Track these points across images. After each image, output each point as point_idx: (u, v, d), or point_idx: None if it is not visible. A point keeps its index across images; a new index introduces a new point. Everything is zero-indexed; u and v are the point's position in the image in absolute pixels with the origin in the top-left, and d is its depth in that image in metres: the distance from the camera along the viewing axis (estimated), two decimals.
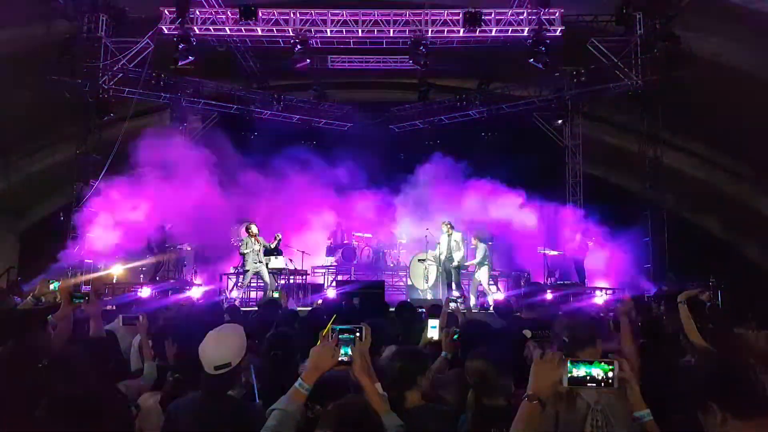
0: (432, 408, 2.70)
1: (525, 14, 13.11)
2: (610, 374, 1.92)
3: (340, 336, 2.21)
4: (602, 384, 1.92)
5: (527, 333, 3.88)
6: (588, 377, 1.91)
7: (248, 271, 11.72)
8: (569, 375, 1.92)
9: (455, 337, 3.89)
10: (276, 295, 8.02)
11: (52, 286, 3.96)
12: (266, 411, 2.10)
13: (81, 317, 3.72)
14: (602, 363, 1.93)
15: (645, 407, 2.06)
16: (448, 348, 3.88)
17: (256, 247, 11.64)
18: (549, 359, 1.98)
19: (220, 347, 2.44)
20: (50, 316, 3.25)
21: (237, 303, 11.27)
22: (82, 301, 3.28)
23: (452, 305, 5.78)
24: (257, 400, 2.60)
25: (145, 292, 11.91)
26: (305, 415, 2.13)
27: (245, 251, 11.69)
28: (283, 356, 3.02)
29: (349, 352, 2.20)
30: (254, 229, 11.83)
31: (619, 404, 2.28)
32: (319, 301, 10.03)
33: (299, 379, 2.15)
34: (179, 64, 12.83)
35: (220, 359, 2.39)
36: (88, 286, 12.26)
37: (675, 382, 2.65)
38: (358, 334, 2.40)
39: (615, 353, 2.53)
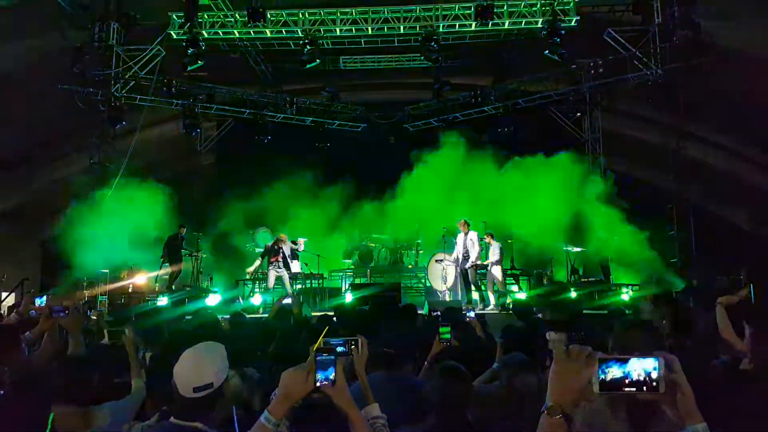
0: None
1: (538, 5, 12.81)
2: (654, 375, 1.47)
3: (318, 357, 1.82)
4: (644, 388, 1.48)
5: (551, 335, 3.62)
6: (626, 380, 1.48)
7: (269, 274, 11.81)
8: (601, 378, 1.47)
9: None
10: (288, 301, 7.83)
11: (38, 302, 3.74)
12: None
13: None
14: (642, 359, 1.49)
15: (701, 419, 1.52)
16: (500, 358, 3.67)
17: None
18: (575, 356, 1.51)
19: (200, 366, 2.15)
20: (28, 332, 3.07)
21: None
22: (62, 315, 3.09)
23: (470, 314, 5.52)
24: None
25: (162, 300, 11.91)
26: None
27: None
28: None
29: (331, 376, 1.80)
30: (283, 236, 11.96)
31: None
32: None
33: (265, 411, 1.80)
34: (188, 69, 12.79)
35: (200, 379, 2.09)
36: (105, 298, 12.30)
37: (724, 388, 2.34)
38: (353, 346, 2.17)
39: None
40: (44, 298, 3.83)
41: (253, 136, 15.80)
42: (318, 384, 1.80)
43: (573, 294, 11.12)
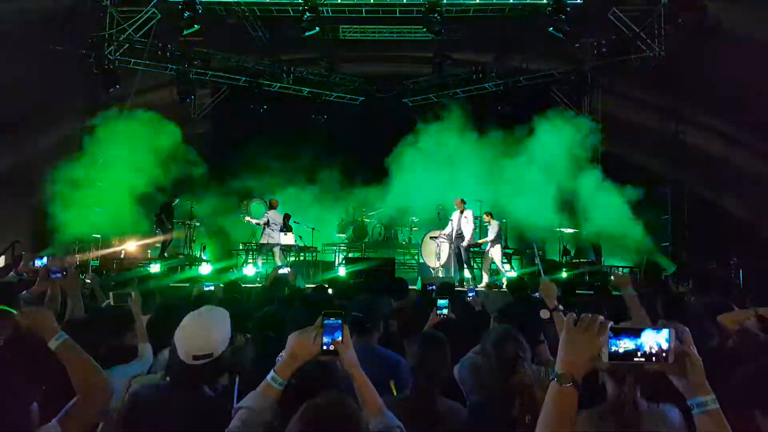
0: None
1: None
2: (665, 346, 1.48)
3: (326, 321, 1.86)
4: (653, 359, 1.48)
5: (544, 314, 3.61)
6: (637, 351, 1.49)
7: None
8: (613, 349, 1.48)
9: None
10: (284, 271, 7.83)
11: (38, 263, 3.70)
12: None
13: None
14: (655, 332, 1.49)
15: (709, 390, 1.50)
16: None
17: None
18: (586, 325, 1.51)
19: (202, 333, 2.11)
20: (25, 291, 3.02)
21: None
22: (59, 276, 3.05)
23: (471, 293, 5.51)
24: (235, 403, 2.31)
25: (155, 267, 11.85)
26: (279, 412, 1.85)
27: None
28: (275, 338, 2.77)
29: (339, 338, 1.86)
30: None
31: None
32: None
33: (272, 371, 1.82)
34: (184, 33, 12.50)
35: (200, 348, 2.07)
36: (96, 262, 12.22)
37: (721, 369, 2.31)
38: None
39: None
40: (44, 259, 3.79)
41: (249, 105, 15.57)
42: (324, 347, 1.85)
43: (564, 274, 11.16)
